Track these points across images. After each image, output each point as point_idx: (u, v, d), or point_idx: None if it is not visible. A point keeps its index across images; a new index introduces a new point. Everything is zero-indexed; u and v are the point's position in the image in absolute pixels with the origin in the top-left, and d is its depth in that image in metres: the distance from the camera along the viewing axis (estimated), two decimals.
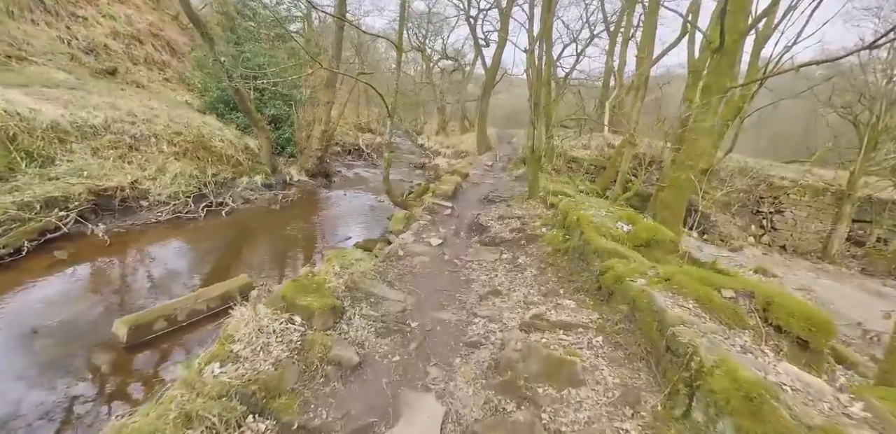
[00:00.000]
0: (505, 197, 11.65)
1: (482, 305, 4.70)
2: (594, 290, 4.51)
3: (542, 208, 9.32)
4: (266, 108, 15.59)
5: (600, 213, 6.47)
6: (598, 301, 4.28)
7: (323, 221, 11.82)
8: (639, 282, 3.82)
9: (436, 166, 21.30)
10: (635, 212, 6.35)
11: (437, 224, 9.30)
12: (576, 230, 5.99)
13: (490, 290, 5.12)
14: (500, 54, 23.71)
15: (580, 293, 4.59)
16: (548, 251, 6.31)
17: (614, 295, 4.06)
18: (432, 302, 4.90)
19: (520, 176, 16.28)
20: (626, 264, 4.31)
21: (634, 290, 3.76)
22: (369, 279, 5.14)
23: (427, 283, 5.56)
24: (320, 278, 4.64)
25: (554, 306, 4.29)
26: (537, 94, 9.63)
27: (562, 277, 5.36)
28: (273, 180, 14.25)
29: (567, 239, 6.22)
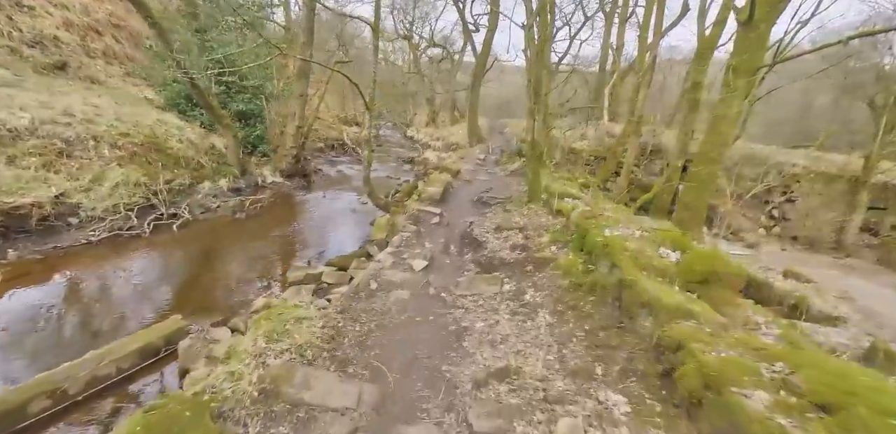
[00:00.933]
0: (501, 198, 9.90)
1: (481, 401, 2.97)
2: (655, 375, 2.84)
3: (546, 216, 7.60)
4: (234, 102, 13.65)
5: (631, 232, 4.75)
6: (667, 403, 2.59)
7: (295, 231, 10.04)
8: (756, 398, 2.10)
9: (425, 160, 19.46)
10: (680, 232, 4.61)
11: (422, 236, 7.56)
12: (603, 260, 4.29)
13: (492, 370, 3.35)
14: (490, 39, 21.71)
15: (631, 378, 2.91)
16: (563, 285, 4.61)
17: (706, 409, 2.34)
18: (404, 396, 3.13)
19: (515, 170, 14.52)
20: (711, 340, 2.62)
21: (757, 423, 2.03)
22: (307, 362, 3.32)
23: (402, 347, 3.84)
24: (214, 381, 2.85)
25: (595, 411, 2.61)
26: (537, 79, 7.83)
27: (592, 335, 3.67)
28: (242, 183, 12.41)
29: (589, 269, 4.52)
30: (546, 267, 5.16)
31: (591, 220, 5.32)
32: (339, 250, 9.21)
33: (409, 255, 6.54)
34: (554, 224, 6.92)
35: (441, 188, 9.84)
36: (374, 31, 10.41)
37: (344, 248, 9.37)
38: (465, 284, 5.27)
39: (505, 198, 9.92)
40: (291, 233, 9.93)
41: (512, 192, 10.88)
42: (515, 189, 11.25)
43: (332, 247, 9.38)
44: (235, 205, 10.66)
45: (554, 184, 8.94)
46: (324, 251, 8.94)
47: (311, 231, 10.19)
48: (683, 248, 4.23)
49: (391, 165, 19.82)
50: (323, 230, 10.33)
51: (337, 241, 9.71)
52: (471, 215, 8.93)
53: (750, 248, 13.49)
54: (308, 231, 10.16)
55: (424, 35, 31.32)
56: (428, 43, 30.93)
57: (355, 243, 9.70)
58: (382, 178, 16.86)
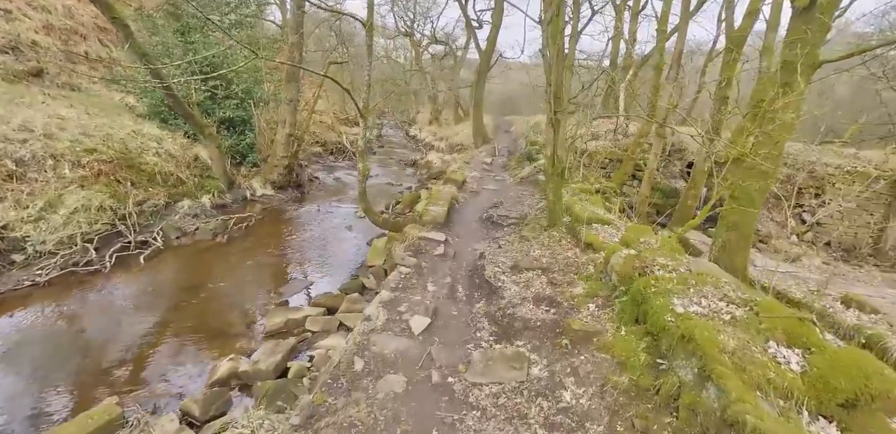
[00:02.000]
0: (514, 217, 8.45)
1: None
2: None
3: (572, 248, 6.15)
4: (220, 109, 12.23)
5: (715, 306, 3.29)
6: None
7: (281, 256, 8.67)
8: None
9: (428, 164, 18.01)
10: (795, 315, 3.12)
11: (424, 274, 6.15)
12: (685, 359, 2.86)
13: None
14: (495, 36, 20.02)
15: None
16: (620, 384, 3.18)
17: None
18: None
19: (525, 177, 13.03)
20: None
21: None
22: None
23: None
24: None
25: None
26: (557, 83, 6.32)
27: None
28: (229, 198, 11.04)
29: (658, 364, 3.09)
30: (588, 343, 3.74)
31: (646, 278, 3.86)
32: (330, 280, 7.86)
33: (408, 305, 5.13)
34: (585, 264, 5.48)
35: (445, 208, 8.40)
36: (368, 30, 8.95)
37: (336, 276, 8.01)
38: (480, 364, 3.85)
39: (518, 216, 8.46)
40: (277, 259, 8.56)
41: (525, 207, 9.41)
42: (529, 203, 9.78)
43: (322, 276, 8.02)
44: (217, 226, 9.29)
45: (576, 204, 7.46)
46: (311, 284, 7.56)
47: (300, 256, 8.80)
48: (805, 343, 2.79)
49: (392, 169, 18.36)
50: (313, 254, 8.94)
51: (328, 269, 8.33)
52: (480, 240, 7.50)
53: (790, 262, 11.96)
54: (296, 256, 8.78)
55: (426, 32, 29.61)
56: (430, 40, 29.21)
57: (349, 270, 8.33)
58: (383, 185, 15.45)
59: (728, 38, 12.00)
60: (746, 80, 14.39)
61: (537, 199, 9.78)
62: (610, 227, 6.60)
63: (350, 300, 6.61)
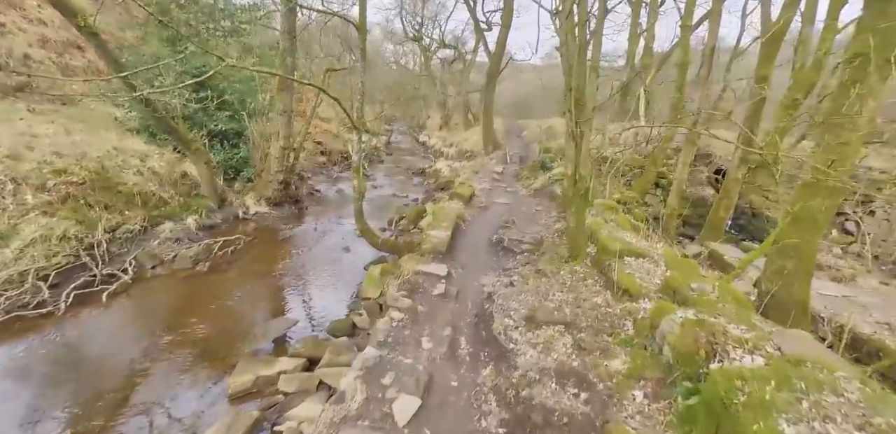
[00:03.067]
0: (528, 242, 7.17)
1: None
2: None
3: (602, 292, 4.86)
4: (212, 122, 11.23)
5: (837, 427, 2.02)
6: None
7: (265, 288, 7.55)
8: None
9: (437, 173, 16.82)
10: None
11: (419, 322, 4.94)
12: None
13: None
14: (504, 37, 18.71)
15: None
16: None
17: None
18: None
19: (539, 189, 11.73)
20: None
21: None
22: None
23: None
24: None
25: None
26: (579, 87, 5.04)
27: None
28: (219, 218, 10.00)
29: None
30: None
31: (725, 371, 2.58)
32: (319, 316, 6.71)
33: (395, 375, 3.92)
34: (621, 317, 4.19)
35: (448, 232, 7.17)
36: (360, 32, 7.84)
37: (326, 311, 6.86)
38: None
39: (533, 241, 7.18)
40: (261, 290, 7.44)
41: (540, 226, 8.12)
42: (544, 221, 8.48)
43: (309, 311, 6.88)
44: (200, 251, 8.22)
45: (602, 228, 6.14)
46: (296, 324, 6.41)
47: (288, 285, 7.67)
48: None
49: (399, 179, 17.20)
50: (303, 283, 7.80)
51: (317, 303, 7.18)
52: (488, 272, 6.26)
53: (839, 282, 10.40)
54: (284, 285, 7.65)
55: (434, 36, 28.44)
56: (438, 44, 28.04)
57: (341, 303, 7.17)
58: (388, 197, 14.29)
59: (763, 32, 10.53)
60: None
61: (554, 218, 8.48)
62: (646, 260, 5.28)
63: (334, 349, 5.42)
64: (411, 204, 13.49)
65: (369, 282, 7.52)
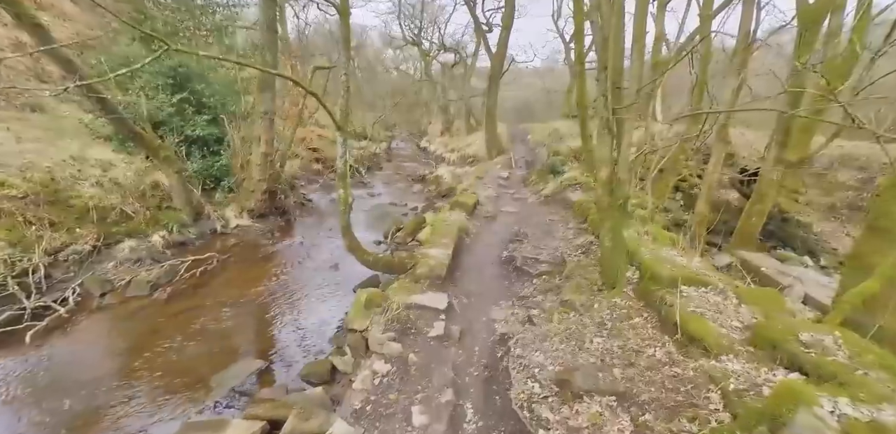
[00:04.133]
0: (546, 260, 5.80)
1: None
2: None
3: (658, 338, 3.47)
4: (189, 126, 9.98)
5: None
6: None
7: (234, 319, 6.19)
8: None
9: (438, 179, 15.48)
10: None
11: (409, 381, 3.58)
12: None
13: None
14: (506, 37, 17.48)
15: None
16: None
17: None
18: None
19: (551, 195, 10.37)
20: None
21: None
22: None
23: None
24: None
25: None
26: (616, 66, 3.71)
27: None
28: (192, 233, 8.70)
29: None
30: None
31: None
32: (292, 357, 5.37)
33: None
34: (699, 386, 2.80)
35: (448, 250, 5.81)
36: (342, 15, 6.58)
37: (302, 350, 5.52)
38: None
39: (552, 259, 5.80)
40: (229, 322, 6.09)
41: (558, 240, 6.74)
42: (562, 234, 7.10)
43: (283, 350, 5.53)
44: (161, 274, 6.90)
45: (643, 247, 4.76)
46: (263, 367, 5.07)
47: (261, 317, 6.32)
48: None
49: (398, 187, 15.88)
50: (279, 313, 6.46)
51: (294, 336, 5.83)
52: (499, 302, 4.89)
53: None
54: (255, 317, 6.30)
55: (434, 40, 27.31)
56: (438, 47, 26.89)
57: (322, 338, 5.81)
58: (385, 206, 12.96)
59: (799, 15, 9.20)
60: None
61: (573, 230, 7.10)
62: (710, 290, 3.89)
63: (303, 410, 4.04)
64: (410, 213, 12.16)
65: (356, 309, 6.13)
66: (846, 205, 12.70)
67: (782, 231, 12.46)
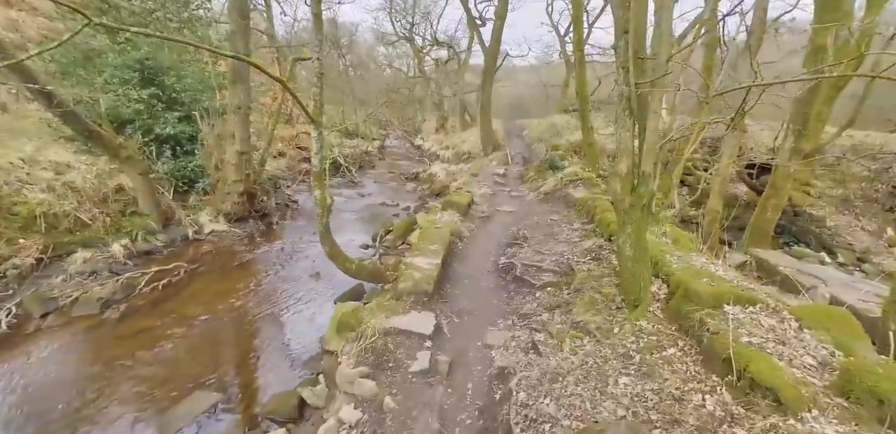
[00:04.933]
0: (550, 268, 4.93)
1: None
2: None
3: (703, 379, 2.60)
4: (158, 124, 9.07)
5: None
6: None
7: (194, 340, 5.33)
8: None
9: (432, 177, 14.61)
10: None
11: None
12: None
13: None
14: (500, 28, 16.52)
15: None
16: None
17: None
18: None
19: (550, 193, 9.50)
20: None
21: None
22: None
23: None
24: None
25: None
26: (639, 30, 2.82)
27: None
28: (160, 240, 7.81)
29: None
30: None
31: None
32: (257, 387, 4.51)
33: None
34: None
35: (438, 258, 4.94)
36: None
37: (272, 377, 4.68)
38: None
39: (557, 267, 4.93)
40: (187, 346, 5.22)
41: (562, 244, 5.87)
42: (566, 236, 6.23)
43: (247, 379, 4.67)
44: (115, 289, 6.02)
45: (669, 255, 3.90)
46: (218, 404, 4.21)
47: (227, 336, 5.45)
48: None
49: (390, 186, 15.00)
50: (250, 330, 5.60)
51: (262, 361, 4.98)
52: (497, 321, 4.04)
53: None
54: (221, 337, 5.43)
55: (427, 35, 26.32)
56: (431, 43, 25.93)
57: (295, 362, 4.97)
58: (376, 206, 12.09)
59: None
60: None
61: (578, 232, 6.24)
62: (760, 311, 3.04)
63: None
64: (402, 214, 11.29)
65: (334, 326, 5.29)
66: (860, 197, 11.88)
67: (794, 226, 11.64)
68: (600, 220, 5.84)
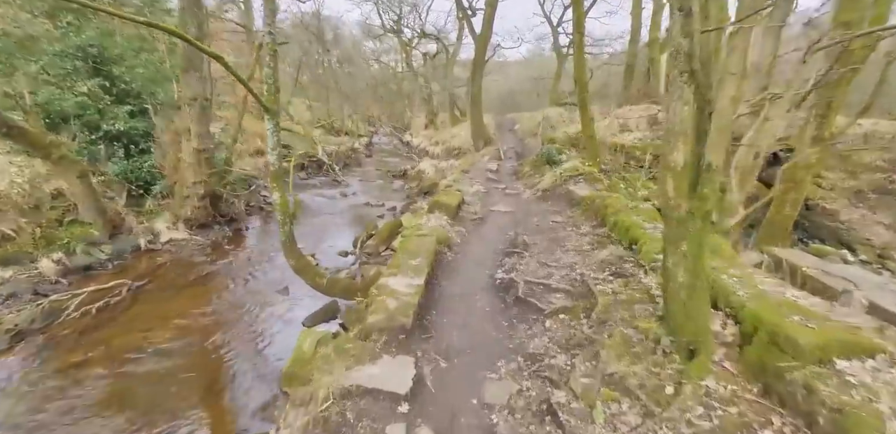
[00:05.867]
0: (562, 289, 3.88)
1: None
2: None
3: None
4: (106, 120, 7.85)
5: None
6: None
7: (123, 385, 4.21)
8: None
9: (420, 174, 13.50)
10: None
11: None
12: None
13: None
14: (491, 16, 15.37)
15: None
16: None
17: None
18: None
19: (549, 190, 8.43)
20: None
21: None
22: None
23: None
24: None
25: None
26: None
27: None
28: (107, 252, 6.64)
29: None
30: None
31: None
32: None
33: None
34: None
35: (421, 277, 3.85)
36: None
37: (211, 429, 3.60)
38: None
39: (570, 287, 3.88)
40: (113, 390, 4.11)
41: (573, 254, 4.80)
42: (574, 242, 5.17)
43: None
44: (34, 315, 4.87)
45: (732, 279, 2.87)
46: None
47: (165, 377, 4.34)
48: None
49: (376, 184, 13.86)
50: (193, 369, 4.48)
51: (203, 412, 3.88)
52: (496, 365, 2.97)
53: None
54: (157, 379, 4.32)
55: (415, 27, 25.02)
56: (419, 35, 24.66)
57: (243, 414, 3.89)
58: (359, 207, 10.98)
59: None
60: None
61: (588, 237, 5.18)
62: (883, 364, 2.02)
63: None
64: (388, 214, 10.20)
65: (297, 359, 4.20)
66: (874, 189, 11.00)
67: (807, 221, 10.72)
68: (615, 223, 4.80)
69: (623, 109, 13.73)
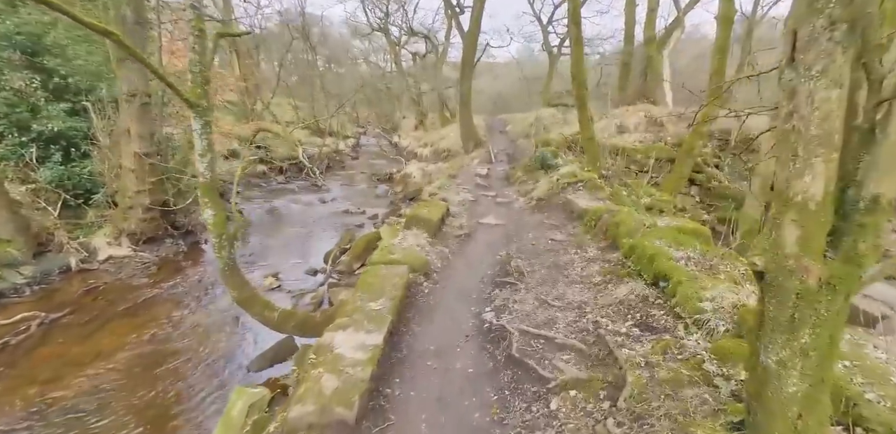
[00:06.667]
0: (566, 344, 2.84)
1: None
2: None
3: None
4: (38, 119, 6.68)
5: None
6: None
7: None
8: None
9: (406, 178, 12.42)
10: None
11: None
12: None
13: None
14: (479, 12, 14.30)
15: None
16: None
17: None
18: None
19: (545, 198, 7.42)
20: None
21: None
22: None
23: None
24: None
25: None
26: None
27: None
28: (27, 275, 5.50)
29: None
30: None
31: None
32: None
33: None
34: None
35: (382, 330, 2.77)
36: None
37: None
38: None
39: (581, 344, 2.85)
40: None
41: (580, 287, 3.77)
42: (580, 271, 4.15)
43: None
44: None
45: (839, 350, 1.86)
46: None
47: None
48: None
49: (359, 189, 12.76)
50: (100, 427, 3.40)
51: None
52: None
53: None
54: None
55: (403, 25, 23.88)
56: (407, 33, 23.54)
57: None
58: (338, 215, 9.88)
59: None
60: None
61: (597, 264, 4.16)
62: None
63: None
64: (367, 224, 9.12)
65: (223, 431, 3.12)
66: None
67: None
68: (632, 249, 3.78)
69: (620, 110, 12.79)
